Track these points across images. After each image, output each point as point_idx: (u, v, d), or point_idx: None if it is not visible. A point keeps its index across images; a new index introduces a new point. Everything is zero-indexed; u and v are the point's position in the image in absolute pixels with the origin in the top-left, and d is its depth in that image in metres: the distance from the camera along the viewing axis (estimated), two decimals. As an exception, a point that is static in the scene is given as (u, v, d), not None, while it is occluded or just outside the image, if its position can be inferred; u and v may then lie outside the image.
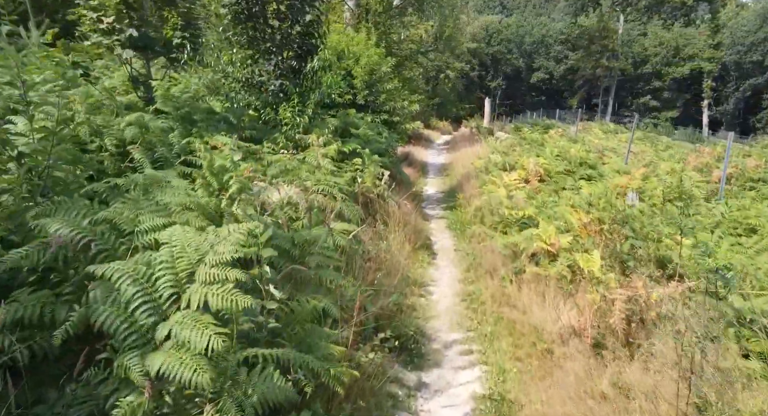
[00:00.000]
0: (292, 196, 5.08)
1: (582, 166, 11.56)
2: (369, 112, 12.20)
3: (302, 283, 4.03)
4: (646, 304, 3.92)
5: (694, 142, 21.53)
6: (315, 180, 5.53)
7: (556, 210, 7.56)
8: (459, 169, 13.23)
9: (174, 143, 5.01)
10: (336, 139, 8.41)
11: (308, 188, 5.41)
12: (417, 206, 10.10)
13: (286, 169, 5.75)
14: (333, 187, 5.51)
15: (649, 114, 46.96)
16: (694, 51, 45.82)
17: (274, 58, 8.29)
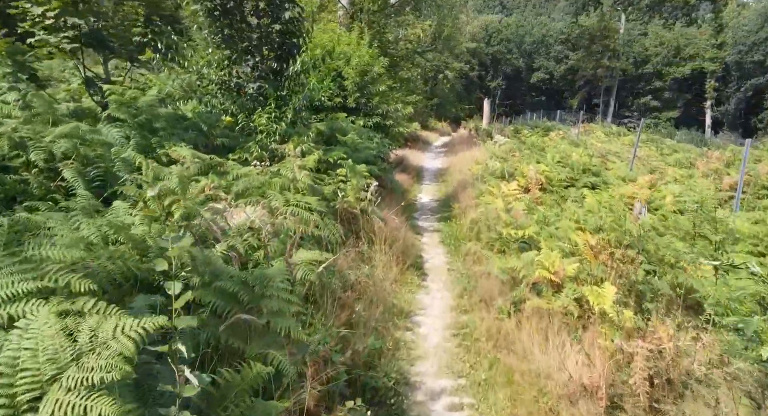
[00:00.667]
0: (255, 220, 4.32)
1: (585, 173, 10.79)
2: (361, 116, 11.44)
3: (254, 334, 3.28)
4: (673, 361, 3.16)
5: (699, 144, 20.74)
6: (284, 199, 4.77)
7: (559, 227, 6.81)
8: (456, 175, 12.46)
9: (121, 158, 4.23)
10: (319, 147, 7.66)
11: (276, 209, 4.65)
12: (409, 218, 9.33)
13: (253, 186, 4.98)
14: (304, 208, 4.74)
15: (650, 114, 46.07)
16: (695, 51, 44.95)
17: (251, 59, 7.53)
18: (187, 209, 3.73)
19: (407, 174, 12.74)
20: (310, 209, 4.82)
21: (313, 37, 11.92)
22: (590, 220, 6.91)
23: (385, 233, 6.77)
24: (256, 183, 4.98)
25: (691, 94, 47.03)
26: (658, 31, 45.43)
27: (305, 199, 4.88)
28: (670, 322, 3.68)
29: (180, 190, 3.90)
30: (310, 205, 4.81)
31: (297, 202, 4.73)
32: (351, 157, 8.02)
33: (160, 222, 3.80)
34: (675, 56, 45.24)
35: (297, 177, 5.85)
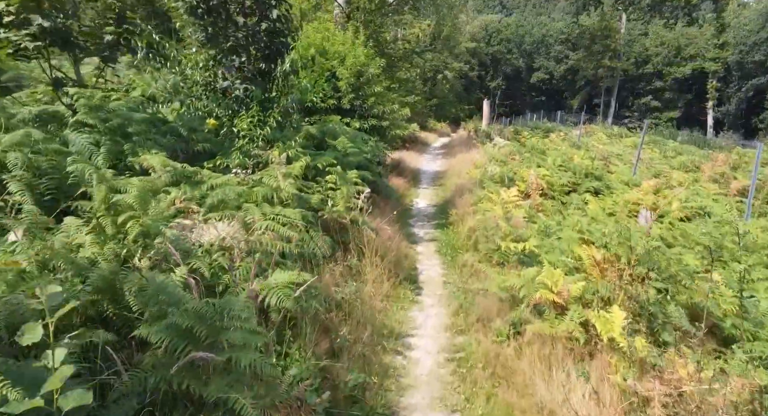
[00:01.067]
0: (227, 238, 3.89)
1: (587, 178, 10.34)
2: (356, 118, 11.00)
3: (215, 373, 2.85)
4: (698, 409, 2.72)
5: (701, 146, 20.29)
6: (261, 213, 4.33)
7: (561, 237, 6.37)
8: (453, 179, 12.02)
9: (73, 167, 3.78)
10: (308, 152, 7.22)
11: (253, 224, 4.22)
12: (404, 225, 8.89)
13: (230, 197, 4.54)
14: (284, 223, 4.30)
15: (650, 114, 45.62)
16: (695, 51, 44.48)
17: (237, 60, 7.08)
18: (145, 227, 3.30)
19: (404, 177, 12.30)
20: (292, 223, 4.38)
21: (306, 36, 11.49)
22: (595, 232, 6.47)
23: (377, 244, 6.32)
24: (233, 194, 4.54)
25: (691, 94, 46.60)
26: (658, 31, 44.95)
27: (285, 212, 4.44)
28: (689, 356, 3.24)
29: (138, 204, 3.46)
30: (291, 218, 4.37)
31: (275, 216, 4.29)
32: (342, 163, 7.58)
33: (111, 241, 3.37)
34: (676, 56, 44.77)
35: (281, 186, 5.41)
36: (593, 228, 6.66)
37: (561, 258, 5.20)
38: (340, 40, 11.30)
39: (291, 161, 6.38)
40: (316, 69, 10.79)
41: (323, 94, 10.62)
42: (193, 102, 7.02)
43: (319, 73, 10.76)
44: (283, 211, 4.42)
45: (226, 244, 3.82)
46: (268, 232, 4.12)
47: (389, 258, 6.33)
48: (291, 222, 4.37)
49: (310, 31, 11.46)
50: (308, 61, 10.48)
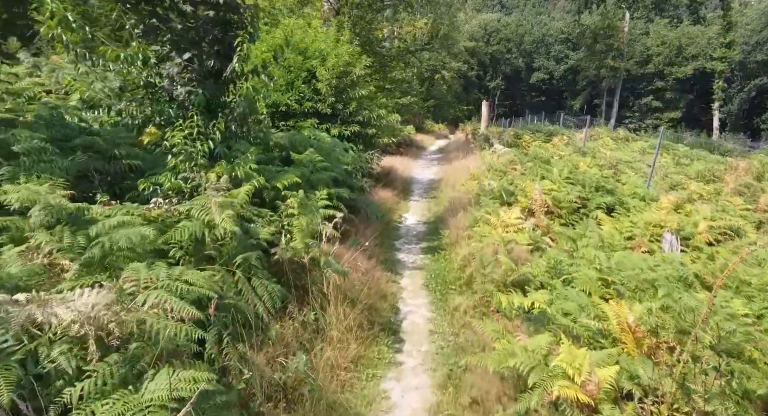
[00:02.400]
0: (92, 317, 2.53)
1: (598, 192, 8.96)
2: (337, 123, 9.63)
3: None
4: None
5: (711, 150, 18.88)
6: (153, 275, 2.96)
7: (577, 279, 5.01)
8: (448, 190, 10.64)
9: None
10: (270, 168, 5.86)
11: (137, 292, 2.85)
12: (389, 249, 7.52)
13: (120, 247, 3.18)
14: (177, 293, 2.93)
15: (651, 115, 44.19)
16: (697, 50, 42.99)
17: (177, 57, 5.72)
18: None
19: (393, 189, 10.92)
20: (193, 290, 3.01)
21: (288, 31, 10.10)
22: (616, 269, 5.12)
23: (348, 286, 4.97)
24: (128, 240, 3.16)
25: (693, 94, 45.11)
26: (659, 31, 43.46)
27: (188, 275, 3.07)
28: None
29: None
30: (195, 282, 3.01)
31: (171, 282, 2.92)
32: (310, 181, 6.23)
33: None
34: (677, 56, 43.28)
35: (216, 220, 4.05)
36: (613, 264, 5.31)
37: (581, 321, 3.83)
38: (322, 36, 9.91)
39: (241, 183, 5.03)
40: (293, 69, 9.42)
41: (300, 96, 9.25)
42: (129, 107, 5.66)
43: (296, 74, 9.39)
44: (184, 273, 3.04)
45: (84, 330, 2.47)
46: (160, 306, 2.76)
47: (363, 302, 4.98)
48: (192, 286, 2.99)
49: (292, 27, 10.07)
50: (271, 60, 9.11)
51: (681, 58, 43.47)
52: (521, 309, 4.31)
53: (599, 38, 35.31)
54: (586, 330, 3.76)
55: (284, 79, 9.18)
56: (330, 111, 9.42)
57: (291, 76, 9.30)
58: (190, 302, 2.85)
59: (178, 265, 3.83)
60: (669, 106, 44.09)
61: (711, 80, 44.49)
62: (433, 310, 5.65)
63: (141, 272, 2.87)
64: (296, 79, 9.32)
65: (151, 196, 4.56)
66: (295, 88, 9.23)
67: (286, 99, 9.13)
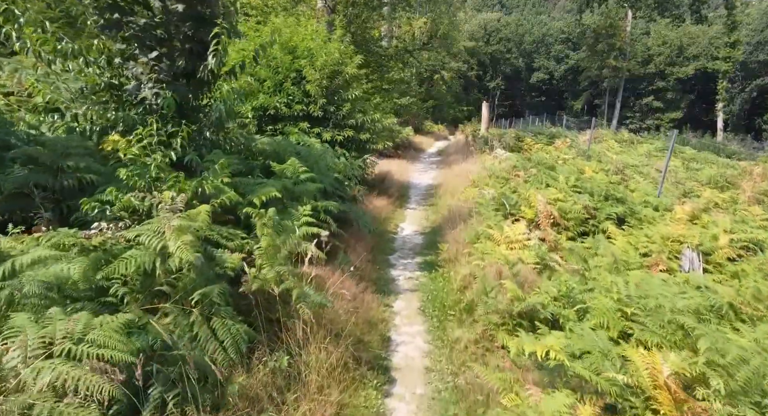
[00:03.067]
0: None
1: (608, 201, 8.28)
2: (329, 127, 8.94)
3: None
4: None
5: (718, 152, 18.16)
6: (50, 333, 2.27)
7: (593, 309, 4.34)
8: (447, 198, 9.95)
9: None
10: (250, 182, 5.19)
11: (25, 361, 2.16)
12: (382, 265, 6.84)
13: (28, 292, 2.50)
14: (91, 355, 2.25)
15: (652, 115, 43.49)
16: (698, 50, 42.28)
17: (142, 56, 5.04)
18: None
19: (389, 196, 10.23)
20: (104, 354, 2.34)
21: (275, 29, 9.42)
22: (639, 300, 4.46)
23: (330, 318, 4.30)
24: (34, 287, 2.49)
25: (694, 94, 44.39)
26: (660, 30, 42.75)
27: (97, 333, 2.39)
28: None
29: None
30: (107, 342, 2.32)
31: (74, 345, 2.23)
32: (292, 194, 5.55)
33: None
34: (678, 56, 42.56)
35: (170, 248, 3.37)
36: (633, 290, 4.63)
37: (606, 374, 3.15)
38: (311, 34, 9.21)
39: (209, 199, 4.36)
40: (282, 69, 8.73)
41: (289, 98, 8.57)
42: (89, 112, 4.99)
43: (285, 74, 8.71)
44: (93, 331, 2.35)
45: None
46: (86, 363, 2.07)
47: (349, 336, 4.30)
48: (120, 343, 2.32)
49: (278, 23, 9.38)
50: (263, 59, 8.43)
51: (682, 58, 42.74)
52: (533, 356, 3.64)
53: (601, 38, 34.55)
54: (612, 384, 3.09)
55: (272, 80, 8.50)
56: (321, 114, 8.74)
57: (279, 77, 8.62)
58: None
59: (122, 305, 3.18)
60: (670, 106, 43.37)
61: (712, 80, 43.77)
62: (429, 341, 4.98)
63: (29, 331, 2.18)
64: (285, 80, 8.64)
65: (100, 217, 3.88)
66: (284, 89, 8.55)
67: (275, 102, 8.45)
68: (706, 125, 43.30)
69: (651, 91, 43.28)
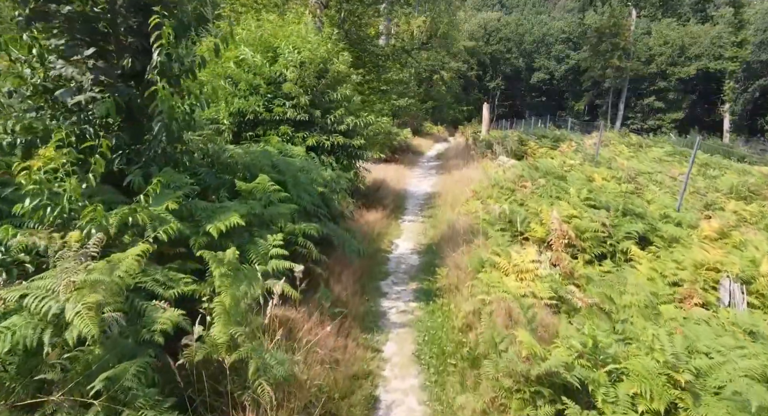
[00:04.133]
0: None
1: (626, 216, 7.31)
2: (317, 132, 7.97)
3: None
4: None
5: (727, 155, 17.16)
6: None
7: (627, 370, 3.38)
8: (447, 210, 8.98)
9: None
10: (198, 206, 4.21)
11: None
12: (371, 293, 5.87)
13: None
14: None
15: (654, 115, 42.46)
16: (700, 50, 41.25)
17: (77, 53, 4.08)
18: None
19: (383, 207, 9.24)
20: None
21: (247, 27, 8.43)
22: (688, 353, 3.51)
23: (297, 386, 3.34)
24: None
25: (696, 94, 43.35)
26: (662, 30, 41.72)
27: None
28: None
29: None
30: None
31: None
32: (264, 217, 4.59)
33: None
34: (680, 56, 41.53)
35: (67, 314, 2.41)
36: (680, 347, 3.66)
37: None
38: (296, 30, 8.22)
39: (143, 234, 3.40)
40: (259, 69, 7.76)
41: (266, 100, 7.60)
42: (6, 121, 4.04)
43: (265, 75, 7.73)
44: None
45: None
46: None
47: (323, 408, 3.35)
48: None
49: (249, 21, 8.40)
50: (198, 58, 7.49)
51: (684, 57, 41.73)
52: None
53: (604, 37, 33.46)
54: None
55: (247, 81, 7.52)
56: (306, 117, 7.76)
57: (257, 78, 7.64)
58: None
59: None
60: (671, 106, 42.34)
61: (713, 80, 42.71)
62: (426, 401, 4.01)
63: None
64: (263, 81, 7.67)
65: (-5, 261, 2.91)
66: (261, 92, 7.58)
67: (252, 105, 7.48)
68: (708, 126, 42.24)
69: (652, 91, 42.23)
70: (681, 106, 42.39)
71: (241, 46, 7.92)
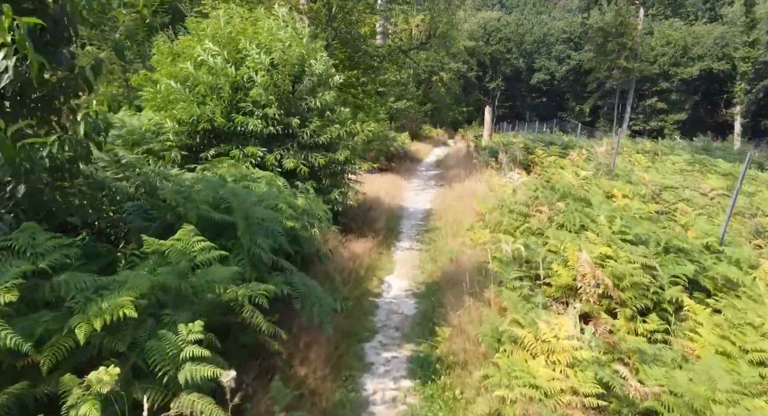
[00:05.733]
0: None
1: (668, 253, 5.80)
2: (294, 148, 6.48)
3: None
4: None
5: (732, 159, 15.53)
6: None
7: None
8: (449, 237, 7.47)
9: None
10: (73, 280, 2.71)
11: None
12: (349, 371, 4.36)
13: None
14: None
15: (656, 116, 40.90)
16: (703, 50, 39.69)
17: None
18: None
19: (373, 233, 7.72)
20: None
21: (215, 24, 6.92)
22: None
23: None
24: None
25: (699, 95, 41.77)
26: (664, 30, 40.13)
27: None
28: None
29: None
30: None
31: None
32: (179, 292, 3.08)
33: None
34: (682, 56, 39.95)
35: None
36: None
37: None
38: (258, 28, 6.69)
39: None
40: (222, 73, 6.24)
41: (225, 108, 6.09)
42: None
43: (229, 76, 6.22)
44: None
45: None
46: None
47: None
48: None
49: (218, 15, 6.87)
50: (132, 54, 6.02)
51: (686, 58, 40.18)
52: None
53: (610, 37, 31.81)
54: None
55: (206, 84, 6.02)
56: (279, 129, 6.26)
57: (220, 80, 6.13)
58: None
59: None
60: (674, 107, 40.81)
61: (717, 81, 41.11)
62: None
63: None
64: (228, 84, 6.15)
65: None
66: (224, 97, 6.08)
67: (208, 113, 5.97)
68: (711, 127, 40.62)
69: (654, 92, 40.69)
70: (684, 107, 40.84)
71: (206, 42, 6.41)
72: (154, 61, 6.34)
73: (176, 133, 5.69)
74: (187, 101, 6.02)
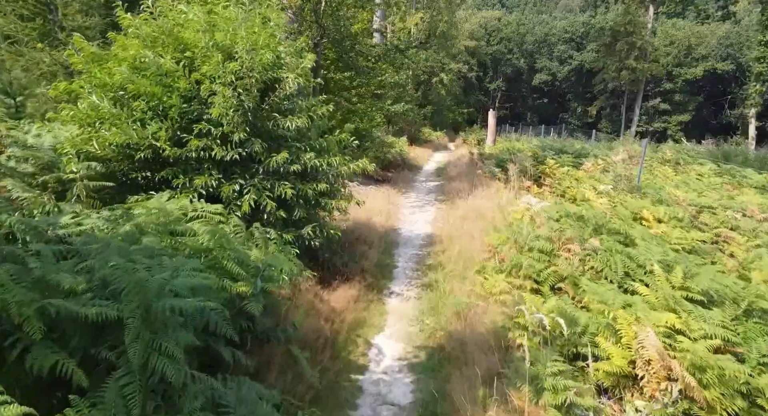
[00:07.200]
0: None
1: (750, 317, 4.26)
2: (257, 175, 4.95)
3: None
4: None
5: (762, 168, 14.05)
6: None
7: None
8: (455, 280, 5.93)
9: None
10: None
11: None
12: None
13: None
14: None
15: (659, 117, 39.29)
16: (707, 51, 38.05)
17: None
18: None
19: (360, 273, 6.14)
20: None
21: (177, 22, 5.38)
22: None
23: None
24: None
25: (702, 96, 40.14)
26: (667, 30, 38.50)
27: None
28: None
29: None
30: None
31: None
32: None
33: None
34: (686, 56, 38.31)
35: None
36: None
37: None
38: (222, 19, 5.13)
39: None
40: (173, 81, 4.70)
41: (173, 126, 4.55)
42: None
43: (181, 85, 4.67)
44: None
45: None
46: None
47: None
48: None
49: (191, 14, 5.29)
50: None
51: (690, 58, 38.55)
52: None
53: (620, 36, 30.12)
54: None
55: (154, 96, 4.48)
56: (244, 155, 4.73)
57: (173, 97, 4.58)
58: None
59: None
60: (677, 108, 39.21)
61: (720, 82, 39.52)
62: None
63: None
64: (174, 96, 4.60)
65: None
66: (170, 115, 4.54)
67: (149, 135, 4.43)
68: (715, 129, 39.06)
69: (658, 92, 39.08)
70: (687, 108, 39.24)
71: (146, 35, 4.87)
72: (74, 65, 4.79)
73: (78, 166, 4.13)
74: (121, 121, 4.49)
